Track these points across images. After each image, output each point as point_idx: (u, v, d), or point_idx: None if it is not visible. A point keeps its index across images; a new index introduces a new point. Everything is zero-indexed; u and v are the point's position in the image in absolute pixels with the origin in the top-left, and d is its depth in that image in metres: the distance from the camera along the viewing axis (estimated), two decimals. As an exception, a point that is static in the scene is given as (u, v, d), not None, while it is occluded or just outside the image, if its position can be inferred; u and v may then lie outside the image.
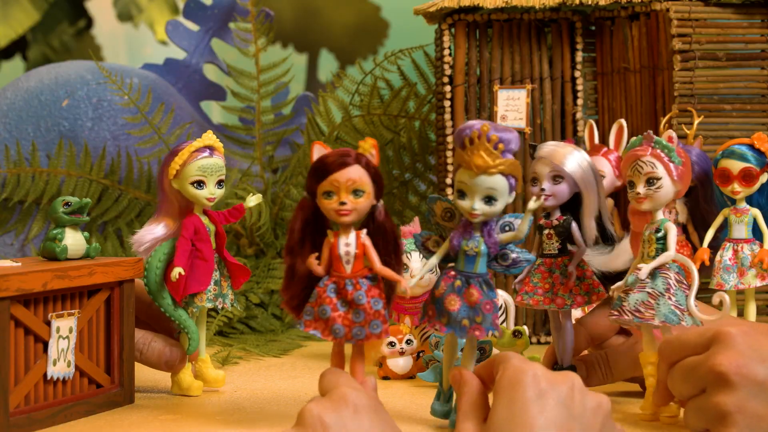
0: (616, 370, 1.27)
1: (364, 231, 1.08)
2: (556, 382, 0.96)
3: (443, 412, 1.15)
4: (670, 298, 1.14)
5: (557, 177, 1.18)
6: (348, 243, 1.07)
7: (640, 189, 1.15)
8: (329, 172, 1.05)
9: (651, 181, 1.15)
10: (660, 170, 1.15)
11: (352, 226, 1.08)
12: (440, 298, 1.09)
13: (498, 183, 1.05)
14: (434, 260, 1.11)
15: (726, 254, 1.36)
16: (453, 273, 1.09)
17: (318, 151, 1.07)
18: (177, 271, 1.25)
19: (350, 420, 0.96)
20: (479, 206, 1.06)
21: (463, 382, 1.05)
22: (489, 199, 1.06)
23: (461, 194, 1.07)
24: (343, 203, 1.05)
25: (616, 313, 1.16)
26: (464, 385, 1.05)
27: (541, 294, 1.21)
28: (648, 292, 1.15)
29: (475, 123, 1.06)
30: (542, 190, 1.18)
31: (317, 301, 1.08)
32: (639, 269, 1.15)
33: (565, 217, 1.20)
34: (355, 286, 1.07)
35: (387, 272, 1.08)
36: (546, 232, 1.21)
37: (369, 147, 1.07)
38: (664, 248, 1.15)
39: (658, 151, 1.15)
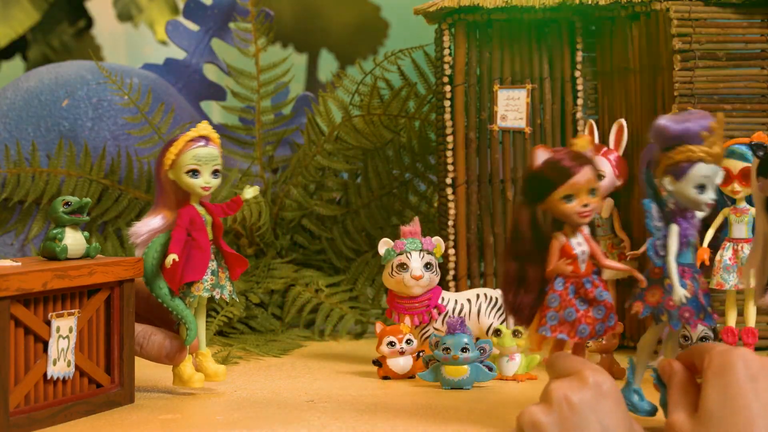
0: None
1: (587, 230, 1.09)
2: (767, 366, 0.95)
3: (649, 409, 1.12)
4: None
5: None
6: (579, 243, 1.09)
7: None
8: (570, 176, 1.06)
9: None
10: None
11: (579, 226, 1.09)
12: (694, 297, 1.07)
13: None
14: (674, 262, 1.06)
15: (726, 254, 1.36)
16: (687, 270, 1.08)
17: (541, 155, 1.07)
18: (171, 258, 1.25)
19: (596, 401, 0.95)
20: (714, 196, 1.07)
21: (673, 372, 1.03)
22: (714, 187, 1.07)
23: (702, 189, 1.05)
24: (586, 205, 1.06)
25: None
26: (674, 376, 1.03)
27: None
28: None
29: (698, 117, 1.05)
30: None
31: (561, 304, 1.09)
32: None
33: None
34: (593, 283, 1.09)
35: (617, 266, 1.10)
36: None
37: (586, 144, 1.08)
38: None
39: None
